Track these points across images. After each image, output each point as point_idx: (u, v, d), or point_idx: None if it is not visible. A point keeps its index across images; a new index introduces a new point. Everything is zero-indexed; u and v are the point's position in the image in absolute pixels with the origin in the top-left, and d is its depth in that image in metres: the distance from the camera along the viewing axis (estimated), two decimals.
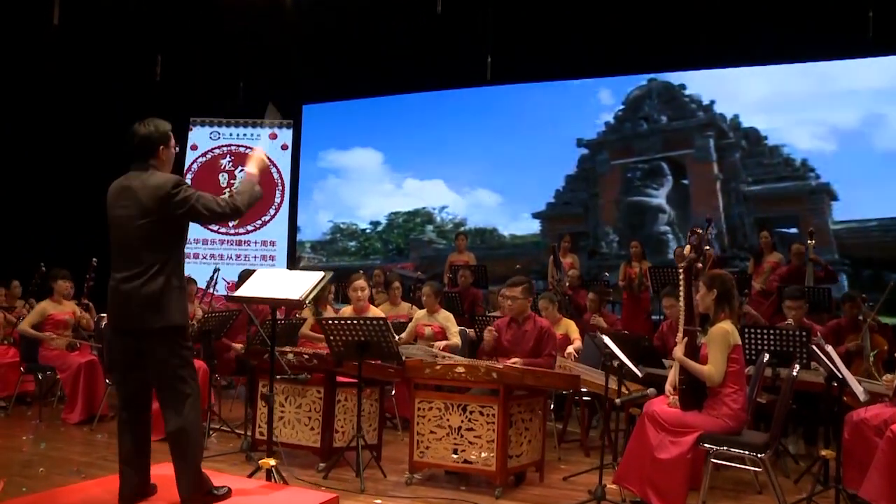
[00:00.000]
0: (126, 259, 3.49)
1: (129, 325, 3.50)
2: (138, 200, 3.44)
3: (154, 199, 3.43)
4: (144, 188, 3.45)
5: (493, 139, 11.37)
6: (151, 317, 3.44)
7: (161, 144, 3.59)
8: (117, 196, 3.53)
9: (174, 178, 3.52)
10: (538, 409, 4.90)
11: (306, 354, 5.22)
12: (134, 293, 3.43)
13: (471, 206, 11.74)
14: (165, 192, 3.43)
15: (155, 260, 3.45)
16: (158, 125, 3.60)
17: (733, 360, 4.17)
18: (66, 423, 6.34)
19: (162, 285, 3.45)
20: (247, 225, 12.83)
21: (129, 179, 3.53)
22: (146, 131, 3.56)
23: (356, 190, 12.61)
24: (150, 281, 3.43)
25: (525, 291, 5.43)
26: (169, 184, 3.46)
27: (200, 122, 13.02)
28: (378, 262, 12.25)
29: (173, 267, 3.52)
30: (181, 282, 3.58)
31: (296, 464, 5.17)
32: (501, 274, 9.83)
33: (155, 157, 3.57)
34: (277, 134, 13.06)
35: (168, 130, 3.64)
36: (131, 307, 3.45)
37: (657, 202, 10.54)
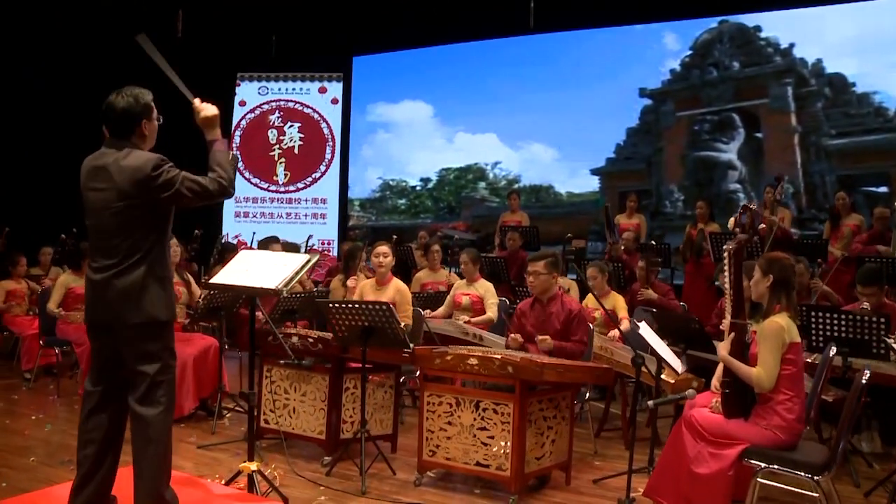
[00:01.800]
0: (101, 247, 3.12)
1: (104, 319, 3.13)
2: (114, 182, 3.05)
3: (132, 182, 3.03)
4: (121, 169, 3.05)
5: (548, 90, 10.56)
6: (128, 311, 3.07)
7: (143, 118, 3.17)
8: (91, 177, 3.13)
9: (155, 157, 3.09)
10: (565, 404, 4.32)
11: (311, 338, 4.77)
12: (109, 285, 3.07)
13: (525, 161, 11.02)
14: (145, 175, 3.02)
15: (133, 248, 3.08)
16: (139, 95, 3.17)
17: (789, 362, 3.49)
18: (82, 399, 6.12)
19: (141, 277, 3.08)
20: (297, 182, 12.54)
21: (103, 158, 3.12)
22: (125, 103, 3.13)
23: (406, 145, 12.05)
24: (128, 271, 3.07)
25: (549, 266, 4.80)
26: (149, 165, 3.04)
27: (248, 77, 12.70)
28: (429, 221, 11.75)
29: (155, 256, 3.14)
30: (164, 272, 3.18)
31: (302, 456, 4.80)
32: (557, 234, 9.23)
33: (135, 132, 3.15)
34: (327, 88, 12.63)
35: (150, 101, 3.21)
36: (107, 300, 3.08)
37: (727, 157, 9.58)
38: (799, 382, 3.53)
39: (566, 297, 4.89)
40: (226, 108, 12.41)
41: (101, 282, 3.09)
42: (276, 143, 12.69)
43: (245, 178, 12.66)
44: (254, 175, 12.69)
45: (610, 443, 5.33)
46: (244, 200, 12.74)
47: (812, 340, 4.77)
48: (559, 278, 6.96)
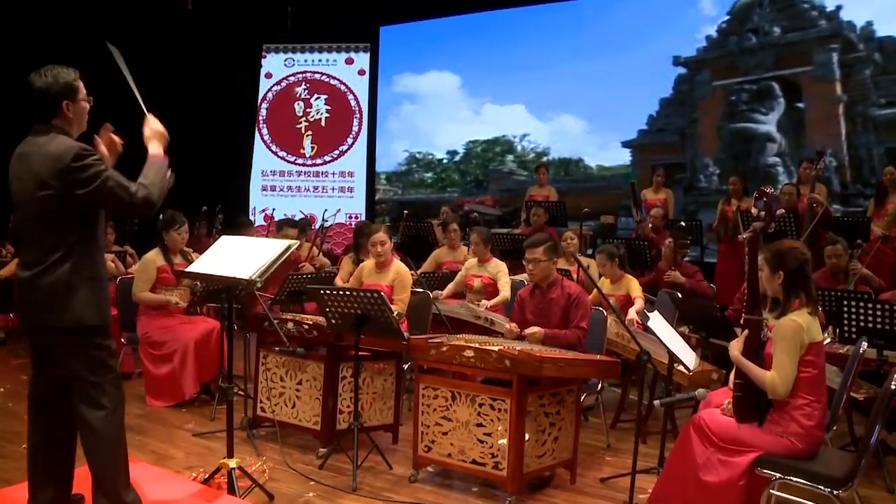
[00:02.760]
0: (27, 242, 2.92)
1: (30, 320, 2.94)
2: (34, 171, 2.81)
3: (51, 171, 2.78)
4: (41, 156, 2.81)
5: (579, 59, 10.11)
6: (53, 314, 2.85)
7: (64, 99, 2.90)
8: (15, 165, 2.91)
9: (77, 146, 2.83)
10: (570, 399, 4.05)
11: (306, 324, 4.55)
12: (32, 284, 2.85)
13: (554, 133, 10.61)
14: (64, 165, 2.77)
15: (55, 245, 2.84)
16: (59, 74, 2.91)
17: (808, 364, 3.16)
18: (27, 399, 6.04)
19: (67, 275, 2.84)
20: (324, 155, 12.35)
21: (27, 144, 2.89)
22: (43, 83, 2.87)
23: (432, 117, 11.73)
24: (50, 270, 2.84)
25: (547, 251, 4.49)
26: (69, 154, 2.78)
27: (274, 49, 12.49)
28: (456, 195, 11.46)
29: (81, 254, 2.89)
30: (94, 272, 2.93)
31: (298, 446, 4.62)
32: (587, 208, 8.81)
33: (58, 115, 2.90)
34: (354, 59, 12.36)
35: (72, 81, 2.93)
36: (29, 300, 2.87)
37: (765, 129, 9.04)
38: (819, 386, 3.20)
39: (566, 282, 4.58)
40: (252, 80, 12.24)
41: (24, 280, 2.88)
42: (302, 115, 12.49)
43: (272, 152, 12.53)
44: (280, 148, 12.53)
45: (626, 435, 5.03)
46: (271, 174, 12.61)
47: (844, 330, 4.41)
48: (583, 257, 6.74)
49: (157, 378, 5.43)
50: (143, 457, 4.36)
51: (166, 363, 5.40)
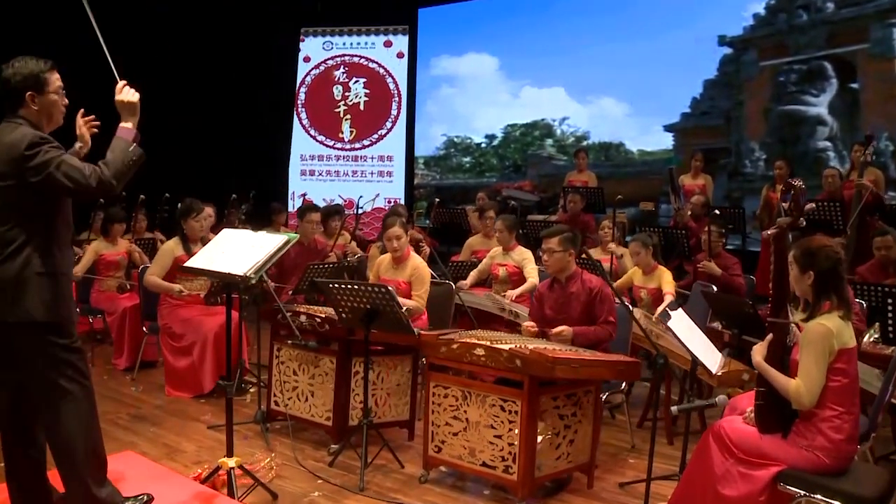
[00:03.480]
0: None
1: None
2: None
3: (8, 160, 2.71)
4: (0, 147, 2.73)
5: (620, 40, 9.75)
6: (5, 308, 2.76)
7: (27, 90, 2.81)
8: None
9: (31, 134, 2.74)
10: (587, 400, 3.85)
11: (318, 317, 4.44)
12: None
13: (594, 117, 10.29)
14: (18, 154, 2.69)
15: (11, 236, 2.76)
16: (22, 66, 2.81)
17: (838, 372, 2.91)
18: (115, 369, 6.07)
19: (18, 269, 2.76)
20: (362, 139, 12.24)
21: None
22: (6, 74, 2.79)
23: (470, 100, 11.50)
24: (5, 263, 2.75)
25: (564, 242, 4.26)
26: (24, 143, 2.70)
27: (312, 32, 12.38)
28: (494, 180, 11.24)
29: (37, 248, 2.79)
30: (51, 267, 2.82)
31: (311, 441, 4.53)
32: (627, 195, 8.56)
33: (23, 107, 2.81)
34: (392, 41, 12.18)
35: (37, 72, 2.83)
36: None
37: (816, 111, 8.57)
38: (851, 396, 2.94)
39: (586, 275, 4.36)
40: (290, 64, 12.18)
41: None
42: (341, 99, 12.38)
43: (310, 136, 12.47)
44: (319, 132, 12.46)
45: None
46: (310, 158, 12.56)
47: (888, 330, 4.12)
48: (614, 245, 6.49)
49: (176, 370, 5.40)
50: (154, 450, 4.34)
51: (186, 356, 5.36)
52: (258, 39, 11.33)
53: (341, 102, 12.37)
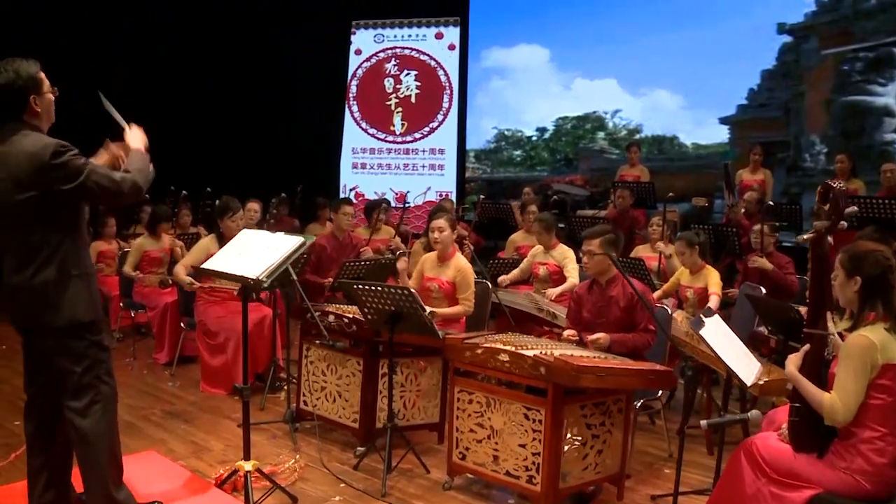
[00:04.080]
0: (10, 243, 2.82)
1: (22, 323, 2.89)
2: (11, 170, 2.71)
3: (31, 170, 2.69)
4: (17, 154, 2.71)
5: (674, 29, 9.42)
6: (44, 313, 2.79)
7: (30, 93, 2.79)
8: None
9: (54, 143, 2.73)
10: (616, 409, 3.69)
11: (346, 318, 4.37)
12: (22, 285, 2.78)
13: (647, 109, 9.99)
14: (43, 163, 2.68)
15: (43, 243, 2.77)
16: (21, 68, 2.78)
17: (881, 389, 2.69)
18: (156, 363, 6.14)
19: (54, 276, 2.78)
20: (414, 132, 12.18)
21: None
22: (6, 79, 2.75)
23: (521, 92, 11.31)
24: (41, 270, 2.77)
25: (605, 244, 4.11)
26: (48, 151, 2.69)
27: (364, 25, 12.35)
28: (545, 174, 11.05)
29: (68, 252, 2.82)
30: (84, 267, 2.87)
31: (339, 443, 4.47)
32: (680, 190, 8.29)
33: (26, 110, 2.79)
34: (444, 33, 12.07)
35: (35, 73, 2.82)
36: (22, 302, 2.82)
37: (883, 102, 8.11)
38: (894, 416, 2.72)
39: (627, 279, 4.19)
40: (341, 57, 12.18)
41: (14, 283, 2.81)
42: (392, 92, 12.33)
43: (362, 129, 12.47)
44: (371, 125, 12.44)
45: (693, 443, 4.59)
46: (361, 151, 12.56)
47: None
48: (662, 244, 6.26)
49: (211, 367, 5.42)
50: (181, 448, 4.34)
51: (220, 353, 5.37)
52: (310, 33, 11.36)
53: (392, 95, 12.32)
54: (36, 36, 8.59)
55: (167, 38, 10.34)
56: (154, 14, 10.14)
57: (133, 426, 4.66)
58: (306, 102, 11.60)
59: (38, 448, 2.99)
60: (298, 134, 11.48)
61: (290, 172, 10.55)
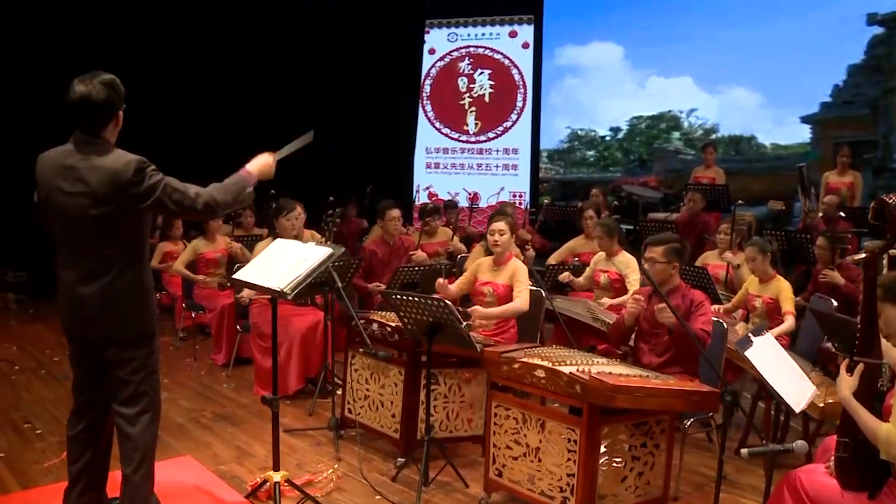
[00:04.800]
0: (79, 255, 2.86)
1: (86, 333, 2.92)
2: (89, 185, 2.75)
3: (111, 187, 2.73)
4: (96, 170, 2.75)
5: (753, 23, 9.00)
6: (115, 324, 2.86)
7: (119, 108, 2.85)
8: (58, 175, 2.82)
9: (136, 160, 2.77)
10: (659, 430, 3.51)
11: (389, 327, 4.33)
12: (93, 297, 2.83)
13: (724, 108, 9.58)
14: (125, 181, 2.73)
15: (116, 256, 2.83)
16: (114, 83, 2.84)
17: None
18: (215, 364, 6.25)
19: (128, 287, 2.85)
20: (487, 132, 12.10)
21: (71, 156, 2.81)
22: (105, 95, 2.78)
23: (594, 91, 11.04)
24: (114, 282, 2.83)
25: (669, 254, 3.96)
26: (131, 168, 2.74)
27: (437, 24, 12.33)
28: (618, 175, 10.76)
29: (136, 265, 2.89)
30: (147, 282, 2.96)
31: (382, 452, 4.43)
32: (759, 192, 7.97)
33: (110, 125, 2.84)
34: (518, 31, 11.93)
35: (121, 87, 2.86)
36: (89, 313, 2.86)
37: None
38: None
39: (689, 290, 4.02)
40: (415, 56, 12.19)
41: (78, 295, 2.85)
42: (466, 91, 12.27)
43: (435, 129, 12.47)
44: (444, 125, 12.43)
45: (750, 465, 4.33)
46: (434, 151, 12.57)
47: None
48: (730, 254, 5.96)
49: (264, 370, 5.46)
50: (225, 452, 4.39)
51: None
52: (384, 32, 11.42)
53: (466, 94, 12.27)
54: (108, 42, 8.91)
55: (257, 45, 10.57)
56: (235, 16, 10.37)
57: (182, 428, 4.75)
58: (381, 102, 11.67)
59: (78, 452, 3.05)
60: (373, 134, 11.57)
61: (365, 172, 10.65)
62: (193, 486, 3.60)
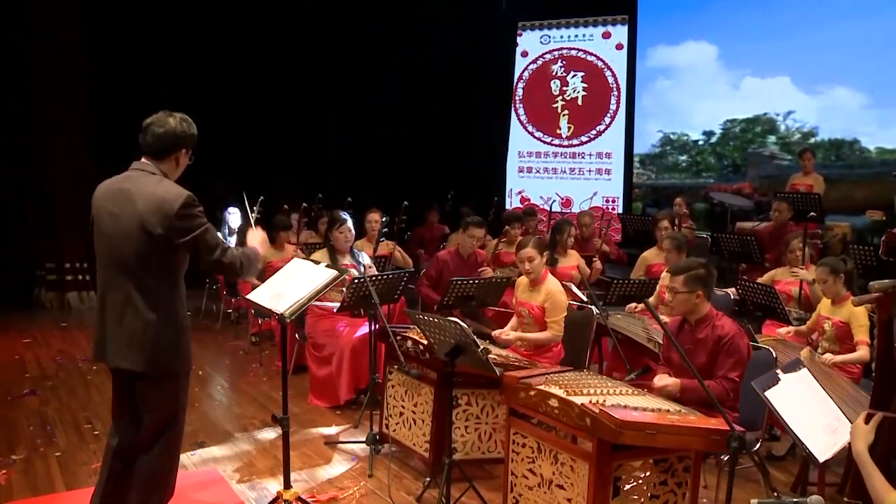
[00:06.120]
0: (116, 278, 2.92)
1: (114, 362, 2.97)
2: (136, 209, 2.83)
3: (157, 215, 2.81)
4: (146, 196, 2.84)
5: (856, 16, 8.38)
6: (136, 357, 2.89)
7: (185, 147, 2.97)
8: (109, 199, 2.93)
9: (186, 193, 2.86)
10: (682, 467, 3.30)
11: (422, 345, 4.29)
12: (116, 326, 2.90)
13: (824, 109, 8.95)
14: (172, 211, 2.81)
15: (154, 287, 2.88)
16: (190, 123, 2.98)
17: None
18: (278, 370, 6.37)
19: (154, 321, 2.88)
20: (580, 135, 11.88)
21: (126, 181, 2.92)
22: (176, 124, 2.92)
23: (687, 93, 10.59)
24: (150, 311, 2.87)
25: (690, 282, 3.73)
26: (179, 201, 2.82)
27: (530, 26, 12.23)
28: (711, 181, 10.29)
29: (169, 299, 2.93)
30: (180, 320, 2.97)
31: (414, 470, 4.40)
32: (861, 201, 7.43)
33: (170, 159, 2.95)
34: (611, 32, 11.65)
35: (195, 134, 3.00)
36: (113, 341, 2.93)
37: None
38: None
39: (721, 320, 3.76)
40: (508, 59, 12.09)
41: (108, 320, 2.93)
42: (558, 94, 12.12)
43: (528, 132, 12.37)
44: (537, 129, 12.31)
45: None
46: (527, 155, 12.48)
47: None
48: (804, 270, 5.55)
49: (318, 379, 5.56)
50: (262, 461, 4.48)
51: (326, 366, 5.49)
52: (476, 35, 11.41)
53: (559, 97, 12.10)
54: None
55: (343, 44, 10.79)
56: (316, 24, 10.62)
57: (229, 436, 4.88)
58: (474, 106, 11.67)
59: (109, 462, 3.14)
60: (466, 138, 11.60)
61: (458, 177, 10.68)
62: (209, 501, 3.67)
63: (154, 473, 3.04)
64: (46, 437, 4.77)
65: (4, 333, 7.32)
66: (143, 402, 2.99)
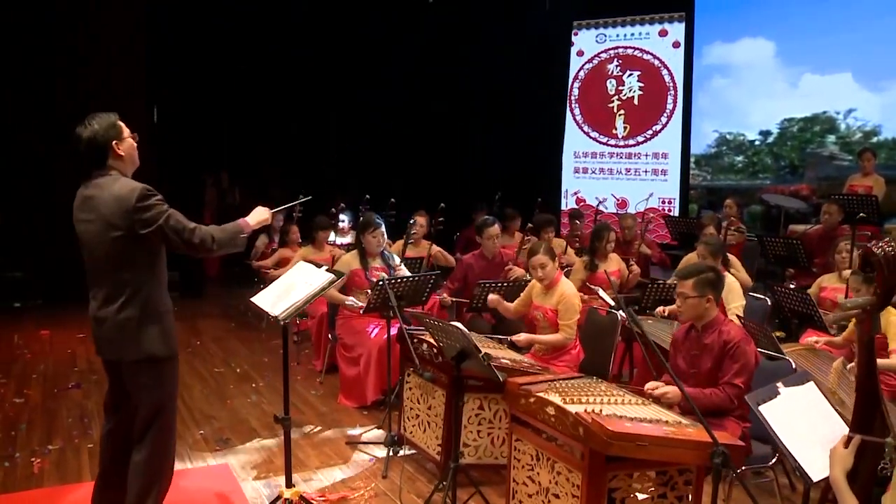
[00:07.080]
0: (97, 280, 3.14)
1: (105, 354, 3.21)
2: (101, 213, 3.02)
3: (118, 213, 2.98)
4: (105, 199, 3.02)
5: None
6: (125, 348, 3.09)
7: (112, 140, 3.08)
8: (80, 207, 3.13)
9: (140, 188, 3.00)
10: (683, 482, 3.22)
11: (435, 349, 4.30)
12: (107, 320, 3.09)
13: (888, 107, 8.49)
14: (130, 206, 2.96)
15: (125, 283, 3.06)
16: (100, 121, 3.09)
17: None
18: (314, 369, 6.49)
19: (137, 312, 3.06)
20: (636, 135, 11.68)
21: (91, 187, 3.10)
22: (89, 133, 3.06)
23: (743, 92, 10.21)
24: (122, 307, 3.06)
25: (699, 287, 3.64)
26: (134, 195, 2.97)
27: (585, 25, 12.07)
28: (767, 182, 9.96)
29: (150, 290, 3.10)
30: (162, 306, 3.14)
31: (428, 473, 4.43)
32: None
33: (110, 156, 3.08)
34: (668, 30, 11.39)
35: (114, 122, 3.12)
36: (105, 336, 3.13)
37: None
38: None
39: (727, 325, 3.66)
40: (563, 59, 11.98)
41: (98, 317, 3.11)
42: (614, 93, 11.91)
43: (584, 133, 12.21)
44: (592, 129, 12.15)
45: None
46: (583, 156, 12.32)
47: None
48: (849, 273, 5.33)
49: (347, 378, 5.63)
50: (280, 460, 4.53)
51: (354, 366, 5.55)
52: (532, 35, 11.35)
53: (615, 97, 11.90)
54: None
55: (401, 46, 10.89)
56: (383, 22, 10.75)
57: (253, 433, 5.00)
58: (529, 106, 11.60)
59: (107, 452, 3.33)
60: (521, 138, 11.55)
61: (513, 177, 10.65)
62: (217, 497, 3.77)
63: (148, 464, 3.14)
64: (82, 429, 4.98)
65: (61, 328, 7.65)
66: (131, 390, 3.15)
